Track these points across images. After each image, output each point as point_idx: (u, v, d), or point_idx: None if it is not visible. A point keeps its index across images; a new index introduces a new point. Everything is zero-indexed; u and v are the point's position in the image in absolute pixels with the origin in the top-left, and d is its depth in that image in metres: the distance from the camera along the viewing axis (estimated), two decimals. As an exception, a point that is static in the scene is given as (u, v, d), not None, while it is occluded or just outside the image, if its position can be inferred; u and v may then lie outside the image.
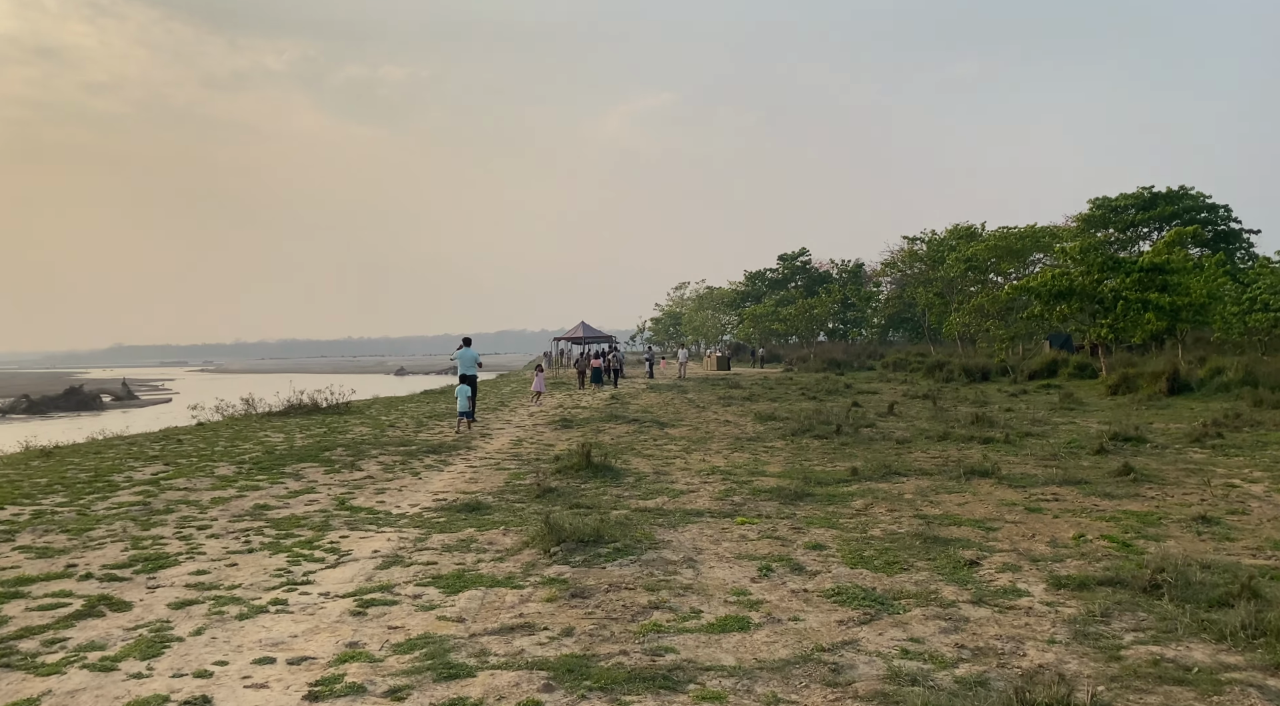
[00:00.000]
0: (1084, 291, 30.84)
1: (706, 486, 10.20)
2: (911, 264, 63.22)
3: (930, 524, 7.83)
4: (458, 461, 13.06)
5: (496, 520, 8.44)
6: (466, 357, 18.71)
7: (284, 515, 8.97)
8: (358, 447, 14.34)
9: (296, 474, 11.74)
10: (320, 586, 6.21)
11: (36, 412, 60.77)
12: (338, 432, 17.22)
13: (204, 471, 11.84)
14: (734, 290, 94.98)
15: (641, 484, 10.48)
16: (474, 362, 18.77)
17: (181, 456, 13.46)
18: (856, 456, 12.64)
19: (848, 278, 79.30)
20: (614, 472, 11.09)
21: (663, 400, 26.70)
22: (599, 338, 49.84)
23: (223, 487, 10.62)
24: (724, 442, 14.88)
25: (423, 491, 10.44)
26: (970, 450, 13.17)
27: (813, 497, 9.29)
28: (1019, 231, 52.66)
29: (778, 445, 14.36)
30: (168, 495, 10.09)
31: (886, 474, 10.71)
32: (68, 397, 66.45)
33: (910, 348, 62.52)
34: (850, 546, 7.01)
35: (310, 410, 22.82)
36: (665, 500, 9.33)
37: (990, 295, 50.76)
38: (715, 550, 6.97)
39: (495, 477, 11.35)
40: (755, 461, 12.36)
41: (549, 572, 6.35)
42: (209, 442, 15.51)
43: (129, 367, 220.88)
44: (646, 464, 12.27)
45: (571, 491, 9.94)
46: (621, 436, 16.32)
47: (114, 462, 12.71)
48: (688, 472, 11.34)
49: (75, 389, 69.64)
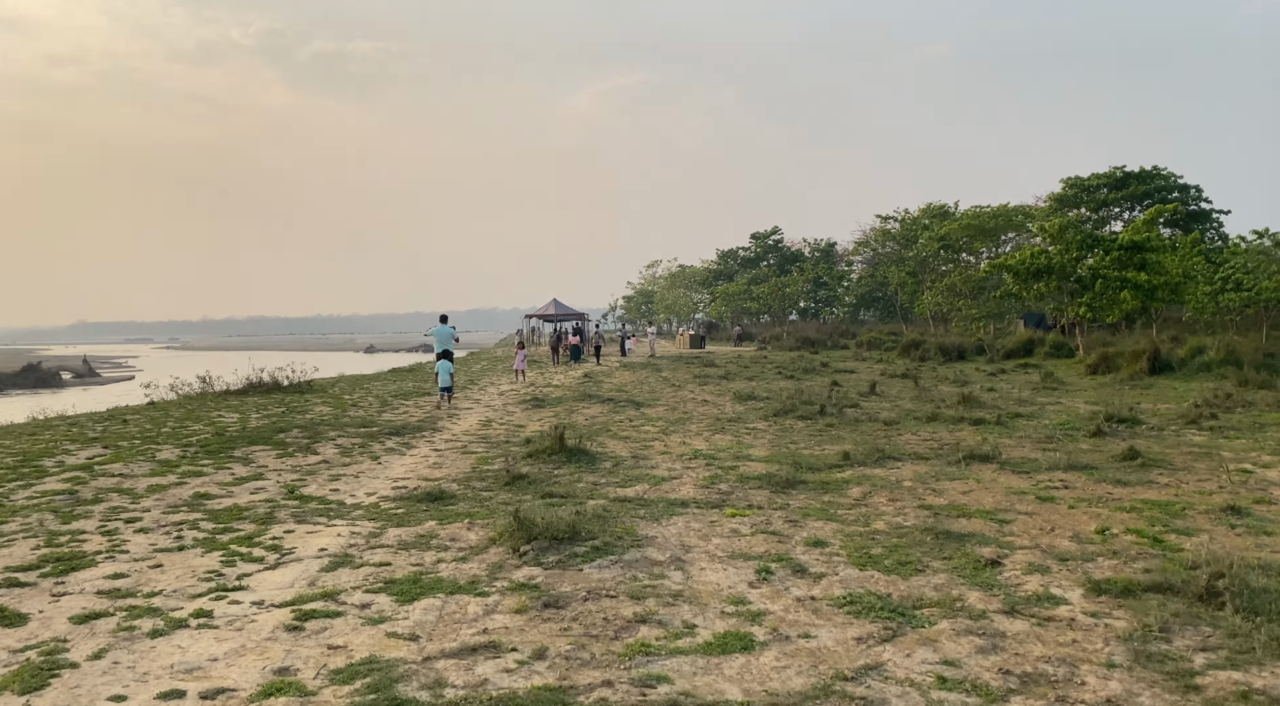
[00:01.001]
0: (1061, 269, 30.45)
1: (690, 472, 9.46)
2: (884, 243, 62.85)
3: (937, 516, 7.15)
4: (421, 444, 12.22)
5: (461, 512, 7.66)
6: (443, 334, 18.66)
7: (225, 506, 8.11)
8: (315, 429, 13.45)
9: (246, 458, 10.85)
10: (254, 593, 5.40)
11: (-8, 389, 58.97)
12: (296, 412, 16.30)
13: (145, 455, 10.92)
14: (706, 269, 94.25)
15: (619, 469, 9.72)
16: (450, 338, 18.81)
17: (124, 439, 12.50)
18: (845, 439, 11.97)
19: (820, 256, 78.84)
20: (589, 457, 10.33)
21: (637, 378, 25.95)
22: (571, 315, 48.91)
23: (162, 474, 9.72)
24: (703, 424, 14.17)
25: (382, 478, 9.61)
26: (962, 432, 12.57)
27: (805, 485, 8.59)
28: (992, 210, 52.36)
29: (760, 426, 13.67)
30: (100, 482, 9.18)
31: (880, 458, 10.04)
32: (25, 375, 64.54)
33: (882, 327, 62.28)
34: (855, 543, 6.30)
35: (270, 389, 21.80)
36: (646, 488, 8.58)
37: (963, 274, 50.53)
38: (705, 548, 6.24)
39: (461, 462, 10.54)
40: (739, 444, 11.65)
41: (518, 576, 5.58)
42: (156, 423, 14.53)
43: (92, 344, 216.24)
44: (624, 447, 11.52)
45: (544, 478, 9.16)
46: (596, 417, 15.55)
47: (47, 445, 11.74)
48: (668, 457, 10.60)
49: (33, 366, 67.61)
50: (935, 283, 52.14)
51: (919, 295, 53.65)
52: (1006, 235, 54.57)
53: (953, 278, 50.40)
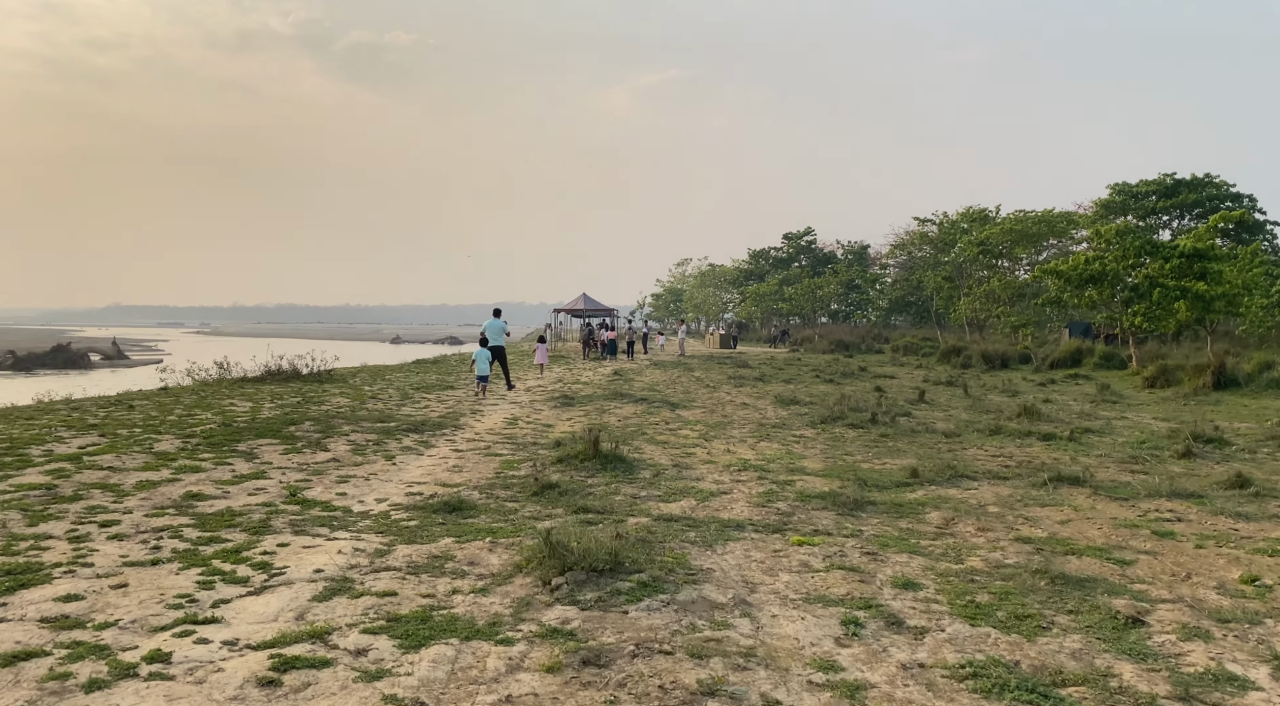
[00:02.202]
0: (1115, 277, 29.02)
1: (740, 486, 8.40)
2: (921, 245, 61.24)
3: (1041, 552, 6.05)
4: (441, 443, 11.26)
5: (481, 527, 6.66)
6: (494, 328, 19.49)
7: (217, 509, 7.17)
8: (328, 422, 12.54)
9: (250, 452, 9.94)
10: (229, 627, 4.43)
11: (22, 369, 58.94)
12: (312, 403, 15.42)
13: (141, 446, 10.04)
14: (737, 268, 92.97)
15: (660, 480, 8.69)
16: (501, 332, 19.70)
17: (124, 426, 11.65)
18: (905, 452, 10.87)
19: (853, 259, 77.27)
20: (626, 464, 9.29)
21: (669, 378, 24.91)
22: (600, 310, 47.89)
23: (155, 468, 8.81)
24: (746, 429, 13.10)
25: (395, 481, 8.64)
26: (1032, 448, 11.42)
27: (875, 507, 7.51)
28: (1035, 216, 50.78)
29: (808, 434, 12.59)
30: (84, 476, 8.29)
31: (952, 477, 8.93)
32: (55, 355, 64.59)
33: (915, 332, 60.84)
34: (953, 586, 5.23)
35: (289, 377, 21.00)
36: (693, 504, 7.54)
37: (1003, 280, 49.01)
38: (773, 586, 5.19)
39: (484, 466, 9.55)
40: (788, 454, 10.58)
41: (549, 618, 4.57)
42: (163, 410, 13.70)
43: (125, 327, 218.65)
44: (662, 453, 10.48)
45: (576, 488, 8.15)
46: (629, 419, 14.53)
47: (41, 431, 10.90)
48: (713, 467, 9.54)
49: (63, 347, 67.69)
50: (973, 288, 50.63)
51: (955, 301, 52.16)
52: (1048, 242, 52.97)
53: (991, 284, 48.89)
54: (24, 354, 62.93)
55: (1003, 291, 48.18)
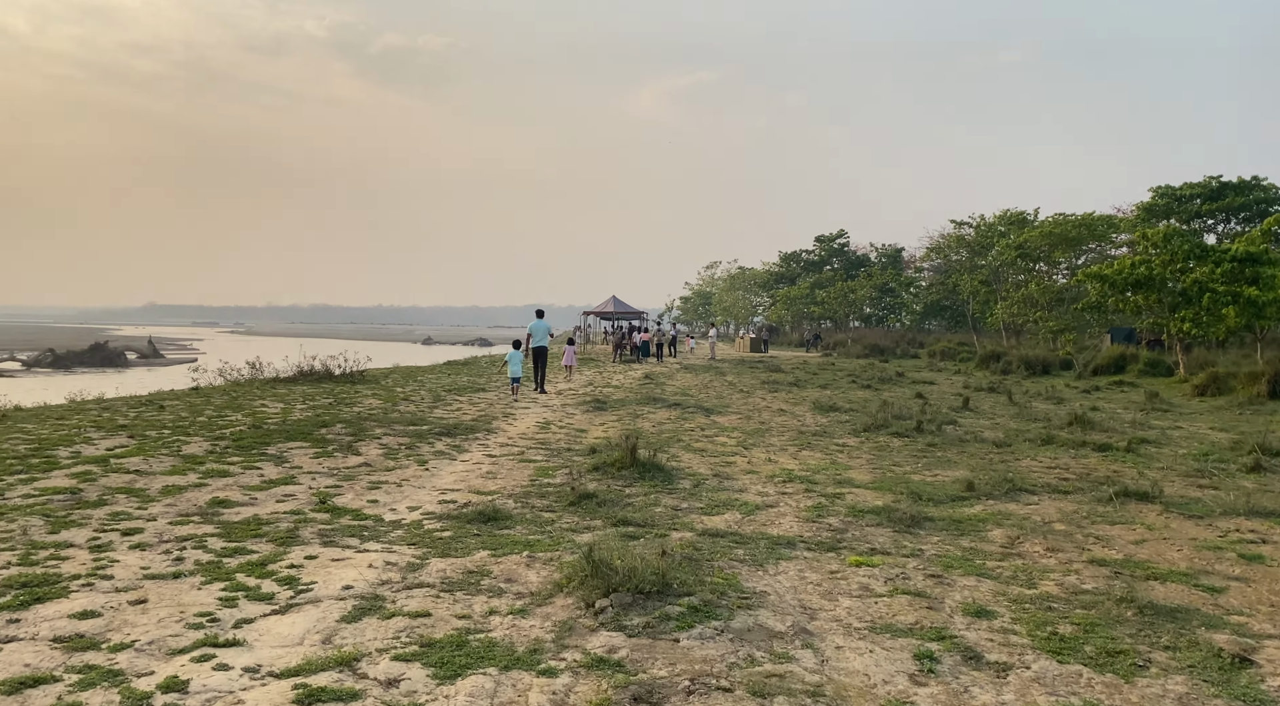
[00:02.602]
0: (1163, 281, 28.18)
1: (787, 499, 8.00)
2: (958, 249, 60.28)
3: (1120, 576, 5.61)
4: (474, 448, 10.96)
5: (518, 539, 6.32)
6: (541, 328, 19.28)
7: (243, 517, 6.90)
8: (360, 425, 12.30)
9: (280, 456, 9.70)
10: (251, 651, 4.12)
11: (60, 367, 59.87)
12: (343, 405, 15.22)
13: (169, 448, 9.83)
14: (768, 271, 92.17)
15: (701, 490, 8.31)
16: (546, 333, 19.46)
17: (153, 427, 11.48)
18: (955, 462, 10.40)
19: (887, 262, 76.26)
20: (665, 473, 8.93)
21: (701, 382, 24.52)
22: (630, 313, 47.62)
23: (183, 472, 8.58)
24: (786, 437, 12.68)
25: (428, 488, 8.34)
26: (1088, 459, 10.90)
27: (933, 523, 7.09)
28: (1075, 219, 49.70)
29: (850, 443, 12.15)
30: (110, 479, 8.07)
31: (1010, 490, 8.46)
32: (93, 353, 65.57)
33: (950, 336, 59.99)
34: (1031, 615, 4.81)
35: (321, 377, 20.89)
36: (738, 518, 7.16)
37: (1041, 284, 48.06)
38: (834, 612, 4.80)
39: (518, 472, 9.22)
40: (833, 464, 10.16)
41: (594, 645, 4.21)
42: (194, 411, 13.55)
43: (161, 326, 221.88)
44: (701, 462, 10.10)
45: (614, 498, 7.79)
46: (663, 424, 14.16)
47: (70, 432, 10.75)
48: (756, 477, 9.14)
49: (100, 345, 68.69)
50: (1010, 292, 49.71)
51: (992, 305, 51.25)
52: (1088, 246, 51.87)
53: (1030, 288, 47.94)
54: (63, 352, 63.96)
55: (1041, 296, 47.24)
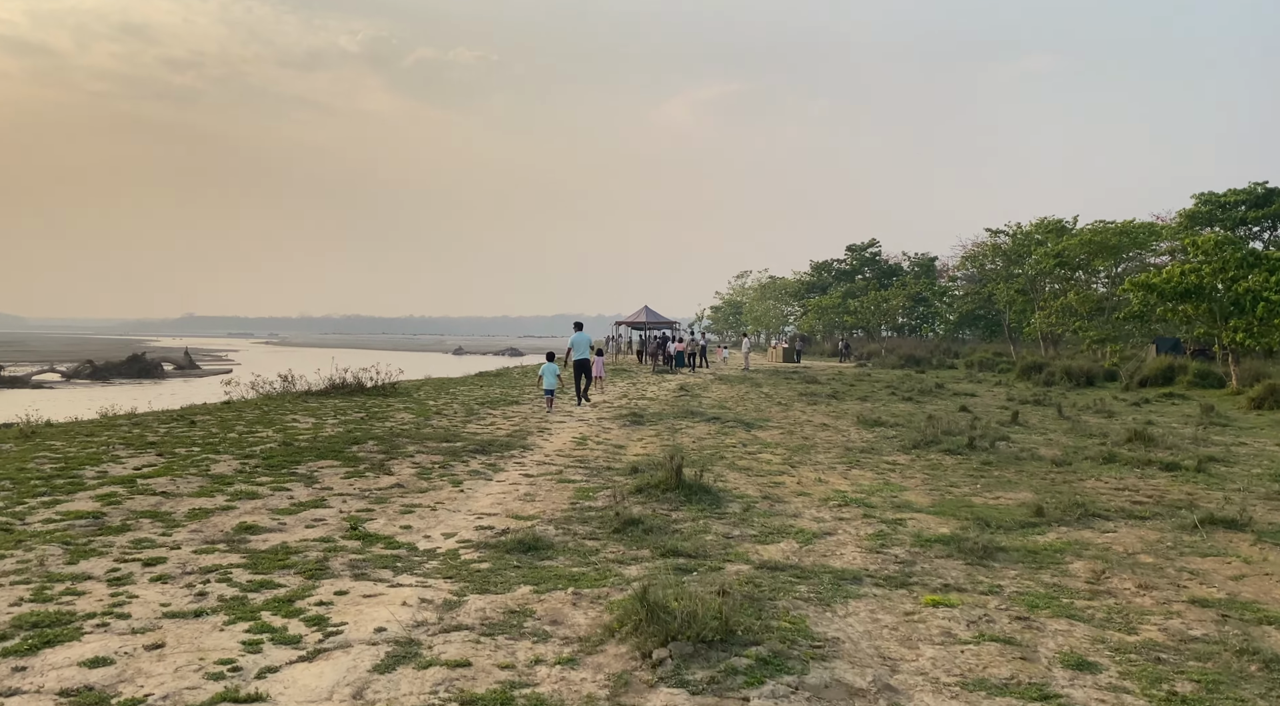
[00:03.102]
0: (1213, 290, 27.27)
1: (845, 525, 7.50)
2: (994, 258, 59.20)
3: (1229, 619, 5.07)
4: (510, 466, 10.56)
5: (562, 572, 5.89)
6: (581, 342, 18.98)
7: (271, 545, 6.54)
8: (392, 441, 11.96)
9: (310, 475, 9.36)
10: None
11: (99, 378, 60.62)
12: (375, 419, 14.91)
13: (198, 467, 9.54)
14: (799, 280, 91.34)
15: (752, 515, 7.83)
16: (588, 346, 19.18)
17: (183, 444, 11.21)
18: (1015, 483, 9.84)
19: (920, 271, 75.18)
20: (712, 496, 8.46)
21: (737, 394, 24.01)
22: (662, 323, 47.21)
23: (210, 493, 8.26)
24: (832, 454, 12.16)
25: (463, 512, 7.94)
26: (1155, 479, 10.28)
27: (1006, 554, 6.56)
28: (1116, 226, 48.55)
29: (901, 461, 11.61)
30: (135, 503, 7.76)
31: (1083, 516, 7.90)
32: (130, 364, 66.34)
33: (986, 346, 58.94)
34: (1139, 668, 4.29)
35: (353, 390, 20.65)
36: (795, 548, 6.68)
37: (1080, 293, 46.99)
38: (917, 663, 4.31)
39: (557, 494, 8.80)
40: (887, 485, 9.63)
41: (655, 704, 3.76)
42: (225, 427, 13.29)
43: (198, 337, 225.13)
44: (748, 482, 9.62)
45: (661, 524, 7.34)
46: (703, 439, 13.69)
47: (98, 450, 10.50)
48: (808, 500, 8.65)
49: (138, 356, 69.50)
50: (1048, 301, 48.68)
51: (1028, 314, 50.23)
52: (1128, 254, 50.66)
53: (1069, 297, 46.88)
54: (101, 363, 64.77)
55: (1081, 305, 46.17)
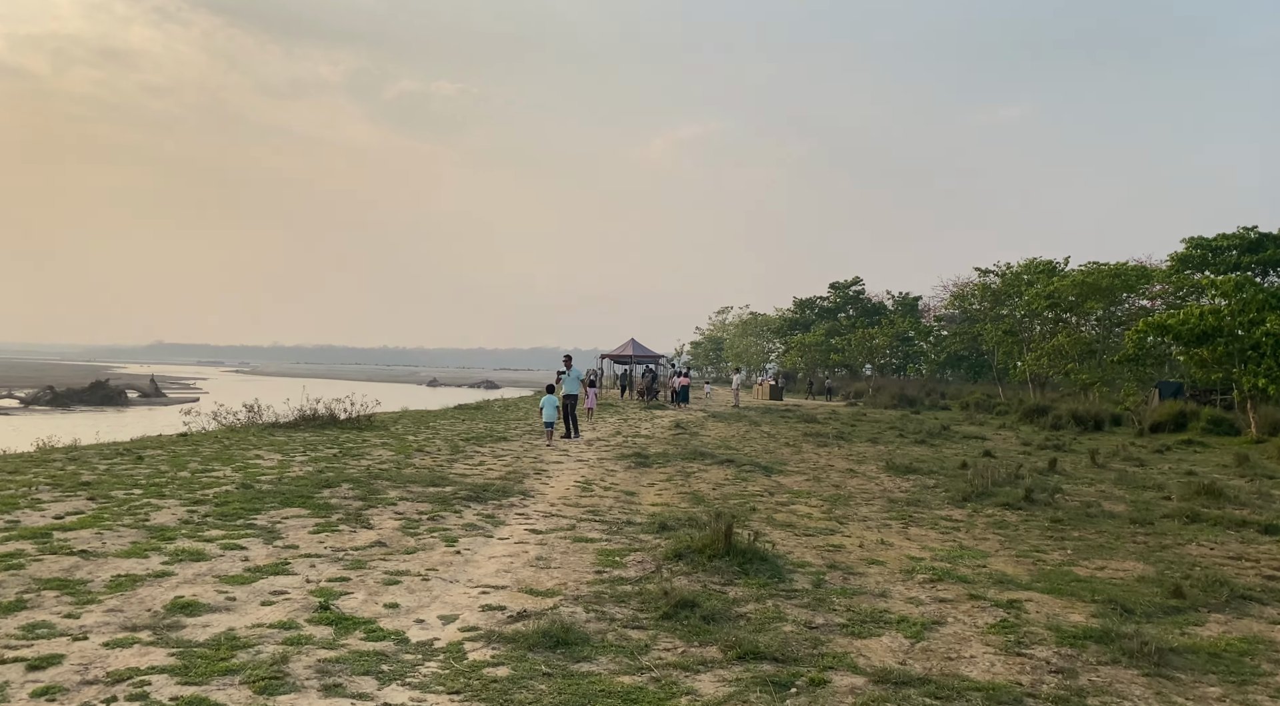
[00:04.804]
0: (1232, 333, 26.25)
1: (950, 609, 5.95)
2: (983, 298, 58.49)
3: None
4: (511, 518, 8.92)
5: (609, 683, 4.30)
6: (572, 378, 19.23)
7: (213, 632, 4.89)
8: (370, 485, 10.31)
9: (271, 529, 7.70)
10: None
11: (59, 405, 57.97)
12: (350, 457, 13.23)
13: (135, 516, 7.85)
14: (781, 317, 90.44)
15: (826, 592, 6.27)
16: (577, 381, 19.54)
17: (122, 485, 9.50)
18: (1110, 548, 8.35)
19: (905, 310, 74.47)
20: (770, 565, 6.88)
21: (737, 432, 22.50)
22: (648, 356, 45.92)
23: (143, 552, 6.59)
24: (875, 507, 10.65)
25: (462, 583, 6.31)
26: (1260, 543, 8.86)
27: (1181, 658, 5.04)
28: (1109, 269, 47.98)
29: (956, 515, 10.12)
30: (44, 566, 6.08)
31: (1232, 598, 6.42)
32: (93, 392, 63.67)
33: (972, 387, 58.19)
34: None
35: (325, 422, 18.92)
36: (905, 644, 5.12)
37: (1072, 335, 46.21)
38: None
39: (576, 558, 7.20)
40: (961, 549, 8.11)
41: None
42: (176, 463, 11.58)
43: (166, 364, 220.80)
44: (799, 543, 8.06)
45: (719, 606, 5.75)
46: (723, 485, 12.14)
47: (17, 493, 8.76)
48: (886, 572, 7.09)
49: (101, 383, 66.80)
50: (1038, 343, 47.87)
51: (1016, 355, 49.46)
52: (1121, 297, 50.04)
53: (1060, 339, 46.02)
54: (63, 390, 62.05)
55: (1071, 347, 45.30)
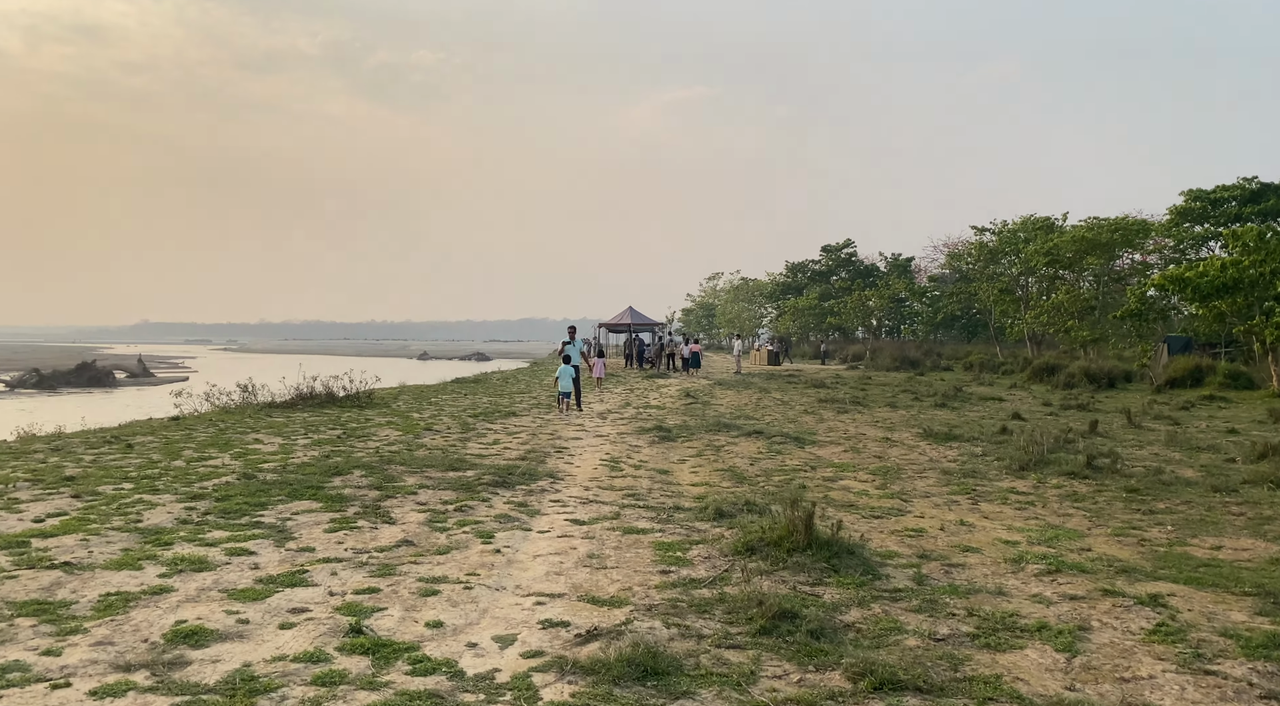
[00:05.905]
0: (1254, 285, 25.50)
1: (1088, 610, 5.09)
2: (978, 257, 57.54)
3: None
4: (546, 506, 8.05)
5: (728, 731, 3.45)
6: (575, 350, 19.42)
7: (225, 671, 4.00)
8: (383, 470, 9.41)
9: (281, 527, 6.81)
10: None
11: (45, 388, 56.57)
12: (355, 438, 12.33)
13: (125, 516, 6.94)
14: (773, 282, 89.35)
15: (934, 592, 5.42)
16: (579, 352, 19.95)
17: (110, 478, 8.58)
18: (1210, 521, 7.55)
19: (898, 271, 73.45)
20: (859, 560, 6.04)
21: (748, 400, 21.69)
22: (648, 324, 45.10)
23: (135, 563, 5.68)
24: (931, 480, 9.83)
25: (511, 590, 5.44)
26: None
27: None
28: (1109, 223, 47.06)
29: (1021, 487, 9.31)
30: (19, 584, 5.17)
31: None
32: (79, 373, 62.16)
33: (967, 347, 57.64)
34: None
35: (323, 401, 17.99)
36: (1060, 661, 4.26)
37: (1071, 292, 45.46)
38: None
39: (632, 552, 6.33)
40: (1051, 529, 7.29)
41: None
42: (170, 450, 10.65)
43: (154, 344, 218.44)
44: (874, 529, 7.22)
45: (821, 615, 4.89)
46: (759, 460, 11.31)
47: (-8, 490, 7.84)
48: (988, 561, 6.23)
49: (88, 365, 65.24)
50: (1038, 300, 47.15)
51: (1014, 313, 48.76)
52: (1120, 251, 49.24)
53: (1059, 295, 45.28)
54: (49, 372, 60.55)
55: (1071, 304, 44.57)
